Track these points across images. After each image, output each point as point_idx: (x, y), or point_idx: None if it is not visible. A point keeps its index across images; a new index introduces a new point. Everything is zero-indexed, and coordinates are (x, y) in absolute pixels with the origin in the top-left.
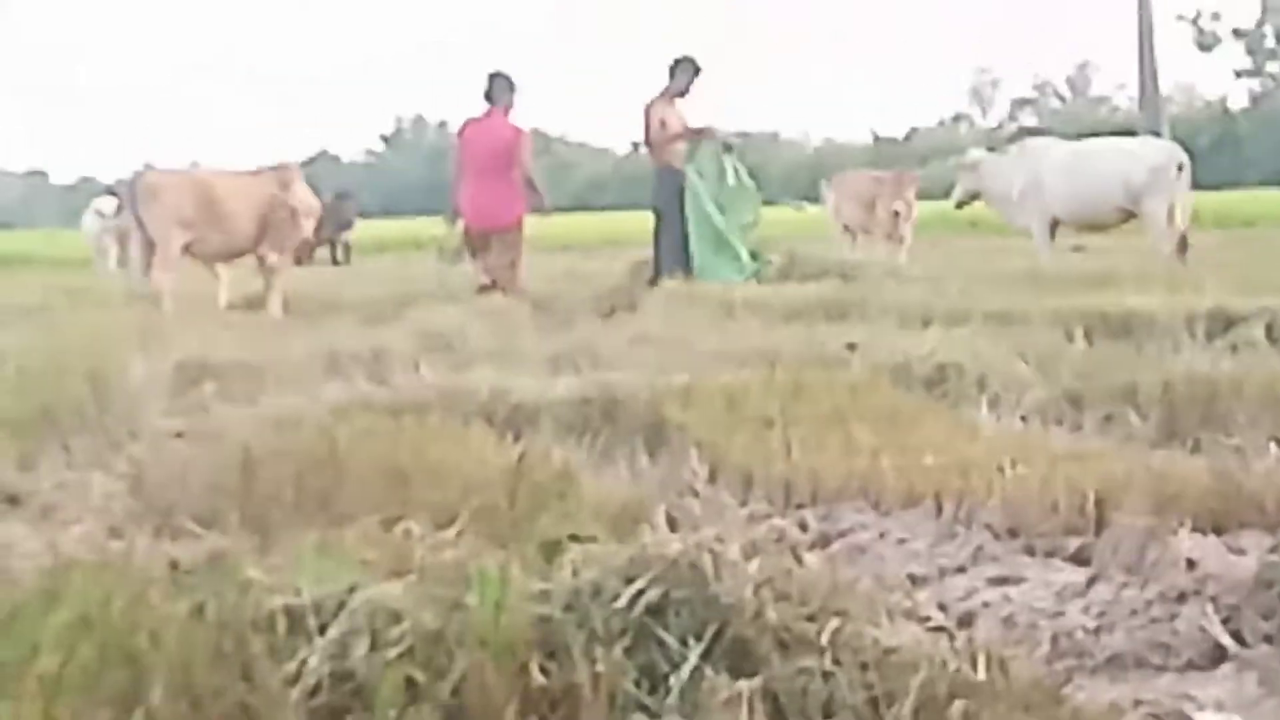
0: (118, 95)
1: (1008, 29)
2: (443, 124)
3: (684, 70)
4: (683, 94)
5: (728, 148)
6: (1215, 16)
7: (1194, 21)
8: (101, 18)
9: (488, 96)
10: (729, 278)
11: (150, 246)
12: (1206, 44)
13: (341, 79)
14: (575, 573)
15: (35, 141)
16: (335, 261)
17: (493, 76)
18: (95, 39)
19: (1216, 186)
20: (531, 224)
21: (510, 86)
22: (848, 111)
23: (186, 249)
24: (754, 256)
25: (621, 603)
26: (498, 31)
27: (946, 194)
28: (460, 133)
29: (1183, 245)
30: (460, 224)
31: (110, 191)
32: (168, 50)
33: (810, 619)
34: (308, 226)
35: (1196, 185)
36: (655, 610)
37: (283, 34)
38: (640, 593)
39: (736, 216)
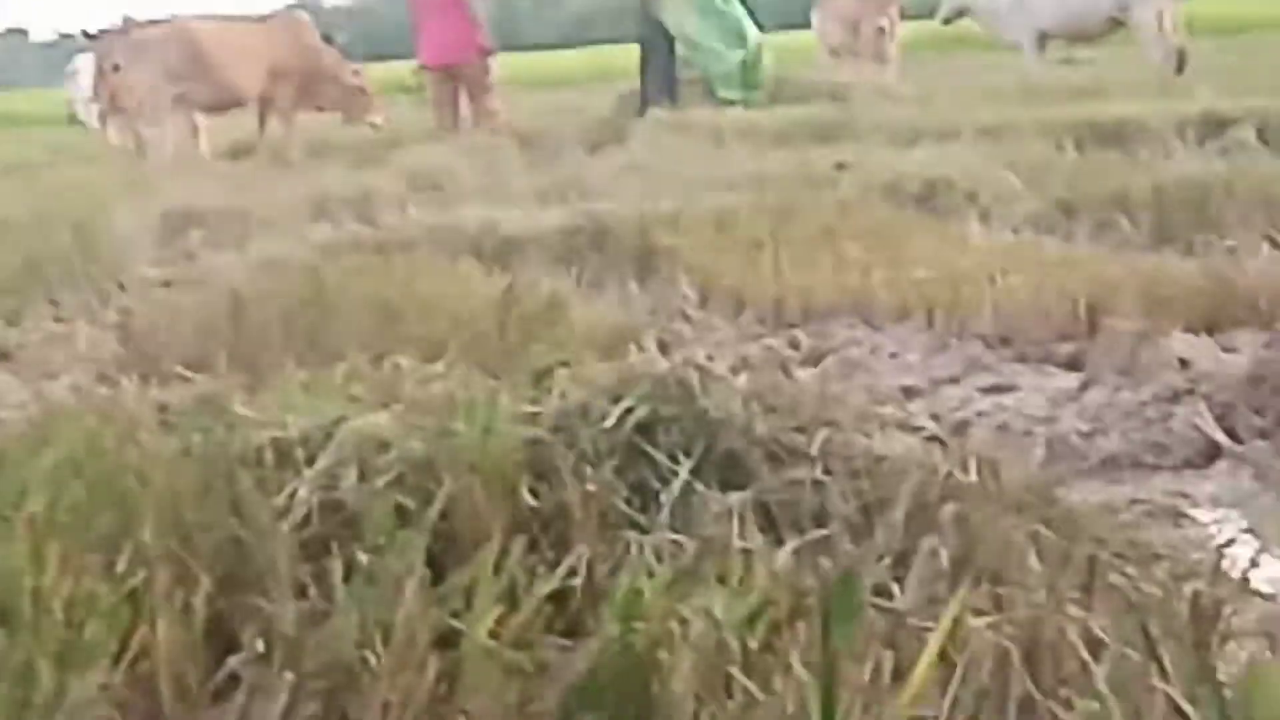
0: None
1: None
2: None
3: None
4: None
5: None
6: None
7: None
8: None
9: None
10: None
11: (135, 99)
12: None
13: None
14: (563, 395)
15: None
16: (320, 108)
17: None
18: None
19: None
20: (520, 61)
21: None
22: None
23: (178, 100)
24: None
25: (610, 422)
26: None
27: (934, 12)
28: None
29: (1181, 62)
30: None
31: (88, 36)
32: None
33: (800, 430)
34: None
35: None
36: (644, 428)
37: None
38: (628, 411)
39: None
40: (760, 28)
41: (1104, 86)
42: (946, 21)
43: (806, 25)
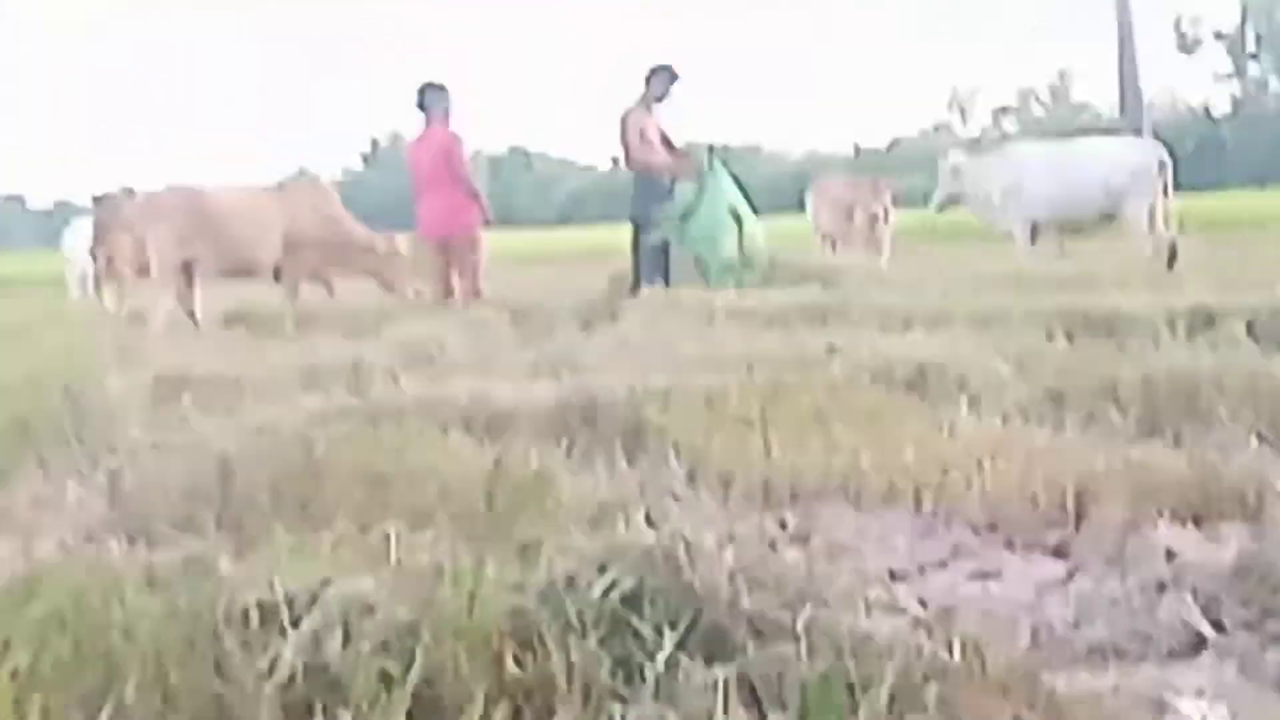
0: (92, 117)
1: (989, 37)
2: None
3: (660, 79)
4: (659, 99)
5: (711, 150)
6: (1196, 20)
7: (1175, 25)
8: (74, 39)
9: (421, 107)
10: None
11: (132, 265)
12: (1188, 48)
13: (318, 98)
14: (550, 564)
15: (11, 166)
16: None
17: (424, 88)
18: (68, 61)
19: (1200, 190)
20: (513, 239)
21: (444, 95)
22: (830, 124)
23: (188, 265)
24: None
25: (596, 593)
26: (476, 49)
27: (928, 202)
28: (408, 153)
29: (1172, 256)
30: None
31: (95, 200)
32: (142, 72)
33: (785, 607)
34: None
35: (1180, 189)
36: (630, 600)
37: (259, 54)
38: (614, 583)
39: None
40: (754, 210)
41: (1095, 277)
42: (940, 209)
43: (800, 209)
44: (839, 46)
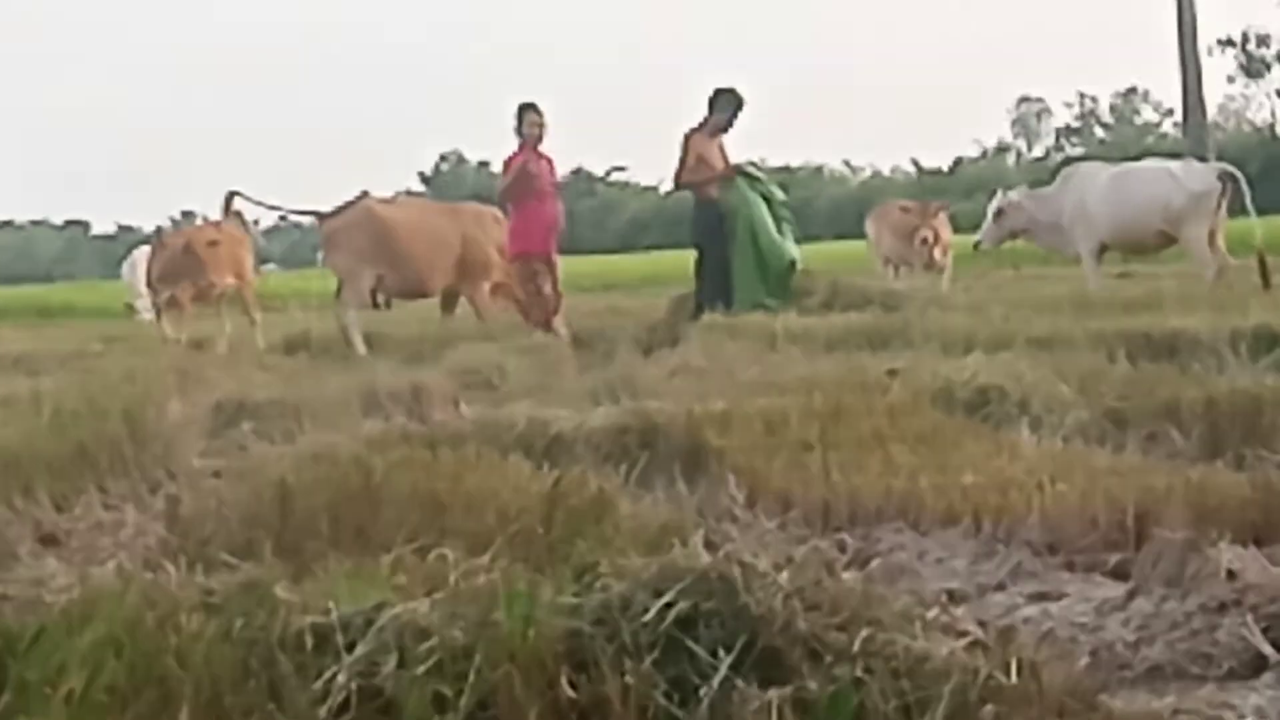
0: (157, 142)
1: (1052, 58)
2: (483, 164)
3: (725, 103)
4: (725, 129)
5: (743, 173)
6: (1262, 41)
7: (1241, 46)
8: (140, 64)
9: (518, 129)
10: (769, 303)
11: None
12: (1254, 70)
13: (381, 121)
14: (605, 588)
15: (75, 190)
16: (376, 305)
17: (521, 108)
18: (134, 87)
19: (1265, 211)
20: (576, 263)
21: (535, 115)
22: (893, 145)
23: (373, 286)
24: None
25: (651, 615)
26: (539, 71)
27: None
28: (525, 169)
29: (1265, 275)
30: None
31: (158, 232)
32: (207, 96)
33: (841, 629)
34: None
35: (1244, 210)
36: (685, 622)
37: (321, 75)
38: (669, 605)
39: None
40: (814, 238)
41: (1158, 299)
42: (995, 245)
43: (860, 235)
44: (904, 65)
